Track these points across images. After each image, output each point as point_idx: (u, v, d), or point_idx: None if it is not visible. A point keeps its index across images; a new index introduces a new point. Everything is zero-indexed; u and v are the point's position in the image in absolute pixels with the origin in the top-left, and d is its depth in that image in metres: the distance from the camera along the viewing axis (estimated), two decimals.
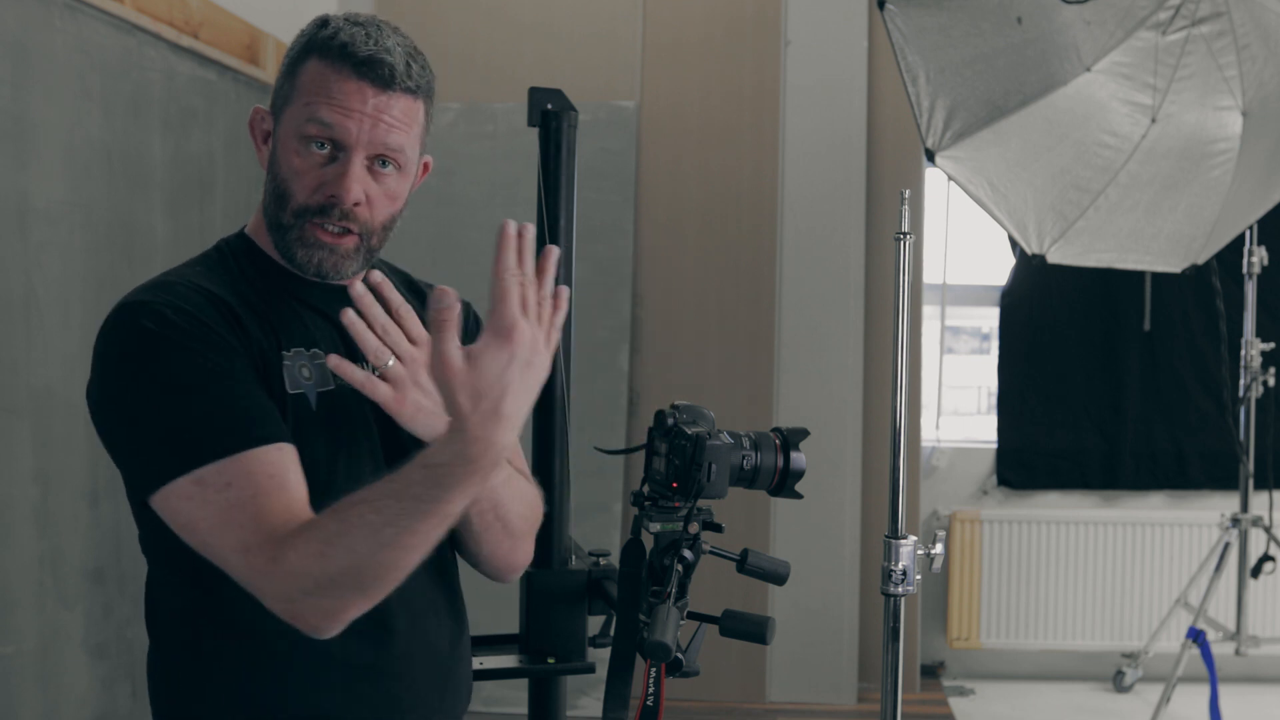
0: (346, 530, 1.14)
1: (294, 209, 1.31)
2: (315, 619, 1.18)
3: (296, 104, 1.31)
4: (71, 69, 2.61)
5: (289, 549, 1.15)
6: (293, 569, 1.15)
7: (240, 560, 1.17)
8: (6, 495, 2.42)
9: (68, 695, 2.60)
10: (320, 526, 1.16)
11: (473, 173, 4.15)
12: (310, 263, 1.33)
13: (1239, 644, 4.08)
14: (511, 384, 1.12)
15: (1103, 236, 3.80)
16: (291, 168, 1.31)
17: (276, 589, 1.17)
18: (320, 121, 1.29)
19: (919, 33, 3.43)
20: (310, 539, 1.16)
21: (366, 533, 1.13)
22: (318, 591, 1.16)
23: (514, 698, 3.96)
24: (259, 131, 1.38)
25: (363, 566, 1.15)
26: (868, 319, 4.27)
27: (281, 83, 1.35)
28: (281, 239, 1.34)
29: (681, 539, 1.38)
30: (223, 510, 1.17)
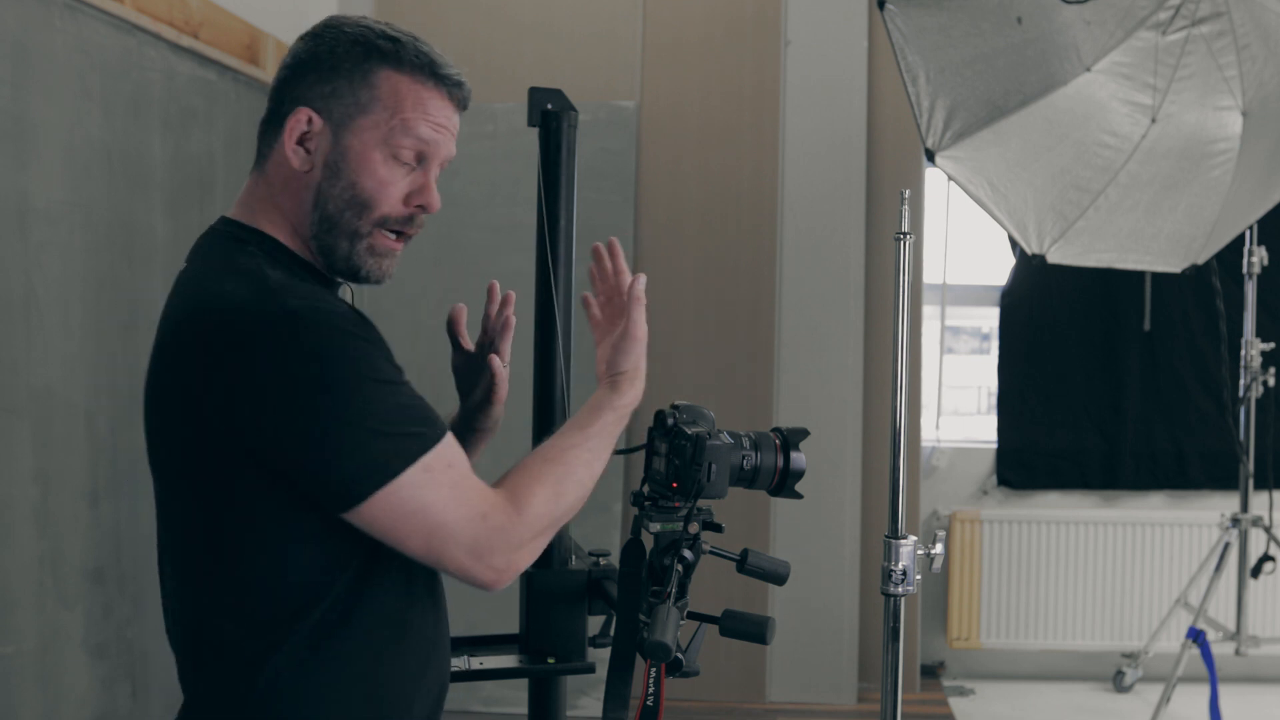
0: (571, 471, 1.35)
1: (376, 219, 1.35)
2: (527, 563, 1.32)
3: (378, 116, 1.33)
4: (71, 69, 2.61)
5: (528, 497, 1.31)
6: (537, 513, 1.31)
7: (478, 527, 1.27)
8: (6, 495, 2.42)
9: (68, 695, 2.60)
10: (545, 472, 1.34)
11: (473, 173, 4.15)
12: (377, 269, 1.38)
13: (1239, 644, 4.08)
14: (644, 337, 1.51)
15: (1103, 236, 3.80)
16: (379, 179, 1.34)
17: (515, 539, 1.29)
18: (422, 139, 1.35)
19: (919, 33, 3.43)
20: (544, 483, 1.33)
21: (585, 469, 1.37)
22: (545, 532, 1.33)
23: (514, 698, 3.96)
24: (297, 133, 1.34)
25: (581, 499, 1.37)
26: (868, 319, 4.27)
27: (349, 91, 1.33)
28: (348, 245, 1.35)
29: (681, 539, 1.38)
30: (453, 487, 1.26)
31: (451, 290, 4.14)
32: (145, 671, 2.87)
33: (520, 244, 4.02)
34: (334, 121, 1.33)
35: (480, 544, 1.27)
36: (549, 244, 1.95)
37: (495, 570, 1.29)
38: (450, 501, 1.26)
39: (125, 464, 2.75)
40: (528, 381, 2.03)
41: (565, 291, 2.00)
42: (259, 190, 1.39)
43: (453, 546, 1.26)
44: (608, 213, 4.22)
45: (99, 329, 2.68)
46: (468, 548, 1.27)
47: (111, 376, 2.73)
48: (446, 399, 1.63)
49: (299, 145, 1.34)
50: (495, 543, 1.28)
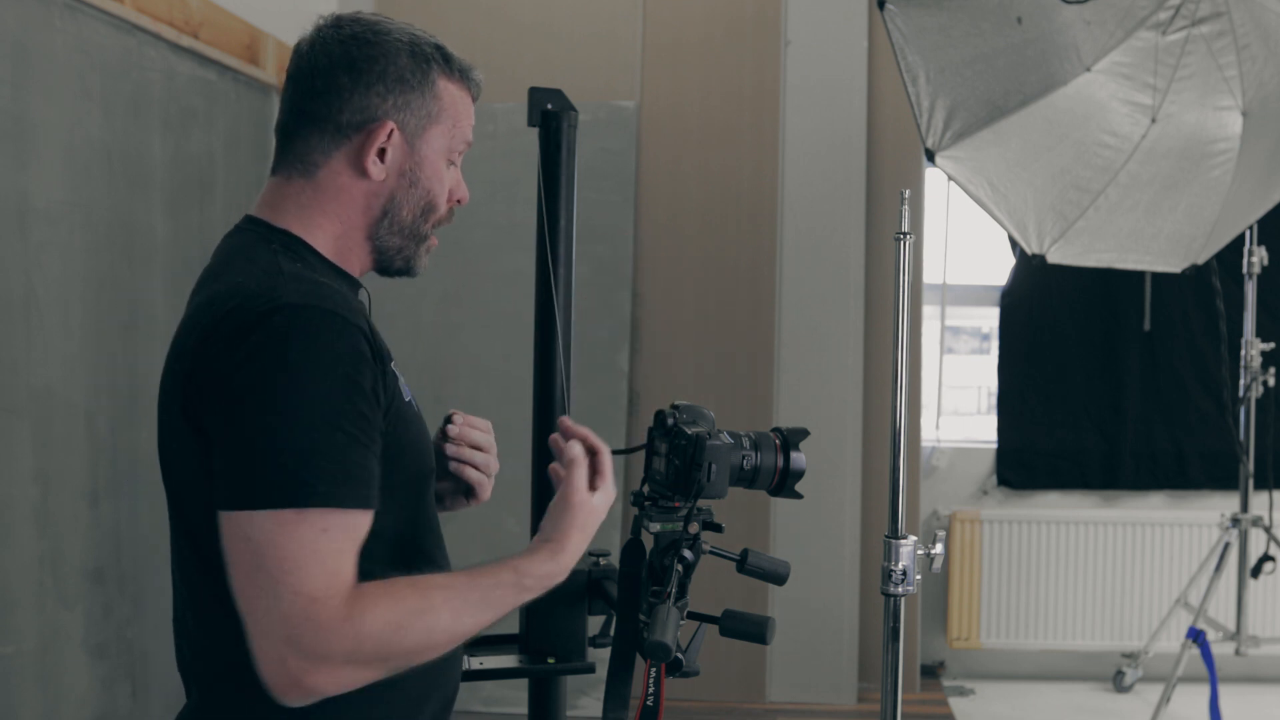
0: (430, 610, 1.21)
1: (436, 220, 1.42)
2: (324, 686, 1.16)
3: (444, 125, 1.39)
4: (71, 69, 2.61)
5: (367, 611, 1.16)
6: (365, 633, 1.16)
7: (300, 607, 1.14)
8: (6, 495, 2.42)
9: (68, 695, 2.60)
10: (404, 599, 1.20)
11: (473, 173, 4.12)
12: (421, 266, 1.44)
13: (1239, 644, 4.08)
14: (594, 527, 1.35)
15: (1103, 236, 3.80)
16: (442, 183, 1.41)
17: (325, 646, 1.14)
18: (469, 143, 1.43)
19: (919, 33, 3.43)
20: (394, 609, 1.19)
21: (448, 618, 1.22)
22: (368, 663, 1.17)
23: (514, 698, 3.96)
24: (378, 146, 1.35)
25: (426, 649, 1.22)
26: (868, 319, 4.27)
27: (420, 101, 1.37)
28: (415, 247, 1.42)
29: (681, 539, 1.38)
30: (310, 552, 1.15)
31: (451, 290, 4.14)
32: (145, 671, 2.88)
33: (520, 244, 4.01)
34: (409, 132, 1.37)
35: (292, 627, 1.14)
36: (549, 244, 1.95)
37: (286, 667, 1.14)
38: (295, 562, 1.14)
39: (125, 464, 2.75)
40: (528, 382, 2.03)
41: (565, 291, 2.00)
42: (301, 196, 1.36)
43: (270, 612, 1.14)
44: (608, 213, 4.22)
45: (99, 329, 2.69)
46: (281, 622, 1.14)
47: (111, 376, 2.73)
48: (448, 399, 1.62)
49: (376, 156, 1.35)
50: (303, 636, 1.14)
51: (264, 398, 1.18)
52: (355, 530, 1.20)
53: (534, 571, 1.28)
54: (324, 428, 1.17)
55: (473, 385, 4.08)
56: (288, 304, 1.20)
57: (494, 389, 4.02)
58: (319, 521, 1.16)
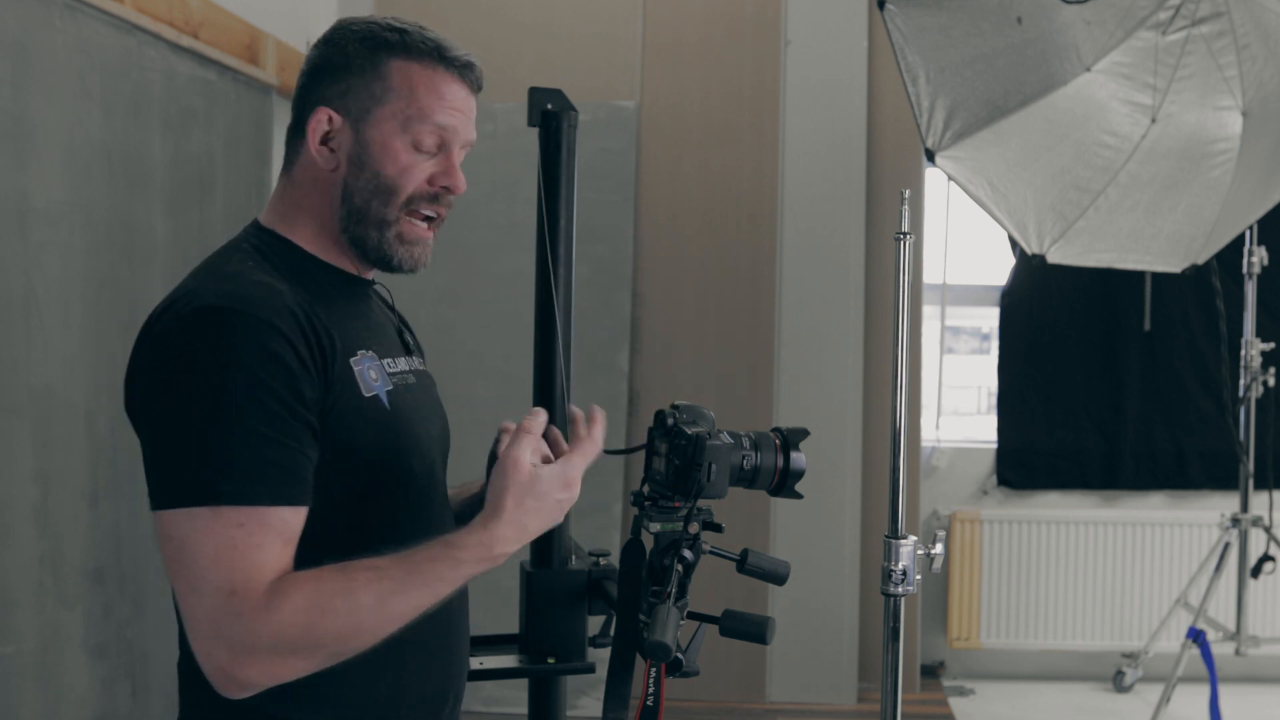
0: (353, 590, 1.18)
1: (402, 202, 1.37)
2: (257, 678, 1.18)
3: (395, 105, 1.36)
4: (71, 69, 2.61)
5: (286, 598, 1.17)
6: (286, 620, 1.16)
7: (220, 601, 1.16)
8: (6, 495, 2.42)
9: (68, 695, 2.60)
10: (325, 582, 1.19)
11: (473, 172, 4.12)
12: (409, 257, 1.40)
13: (1239, 644, 4.08)
14: (547, 514, 1.27)
15: (1103, 236, 3.80)
16: (400, 165, 1.36)
17: (248, 638, 1.16)
18: (439, 125, 1.37)
19: (919, 33, 3.43)
20: (314, 593, 1.18)
21: (371, 598, 1.19)
22: (293, 650, 1.17)
23: (514, 698, 3.96)
24: (319, 133, 1.37)
25: (354, 631, 1.19)
26: (868, 319, 4.27)
27: (362, 85, 1.36)
28: (377, 234, 1.38)
29: (681, 539, 1.38)
30: (226, 547, 1.17)
31: (451, 290, 4.14)
32: (145, 671, 2.87)
33: (520, 244, 4.01)
34: (353, 117, 1.36)
35: (215, 622, 1.17)
36: (549, 244, 1.95)
37: (217, 661, 1.17)
38: (212, 559, 1.16)
39: (125, 464, 2.75)
40: (528, 382, 2.03)
41: (565, 291, 2.00)
42: (286, 194, 1.41)
43: (196, 609, 1.17)
44: (608, 213, 4.22)
45: (99, 329, 2.68)
46: (206, 618, 1.17)
47: (111, 376, 2.71)
48: (448, 399, 1.62)
49: (323, 145, 1.37)
50: (225, 629, 1.16)
51: (174, 400, 1.21)
52: (275, 526, 1.20)
53: (465, 542, 1.23)
54: (232, 427, 1.19)
55: (473, 385, 4.07)
56: (201, 306, 1.24)
57: (494, 389, 4.02)
58: (233, 518, 1.18)
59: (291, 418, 1.22)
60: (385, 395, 1.35)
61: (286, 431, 1.22)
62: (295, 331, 1.25)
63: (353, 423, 1.30)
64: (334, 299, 1.37)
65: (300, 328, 1.26)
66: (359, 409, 1.31)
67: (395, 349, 1.46)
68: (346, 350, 1.32)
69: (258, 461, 1.20)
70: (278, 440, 1.21)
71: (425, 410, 1.46)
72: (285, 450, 1.21)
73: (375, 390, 1.34)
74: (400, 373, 1.42)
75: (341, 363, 1.31)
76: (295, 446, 1.22)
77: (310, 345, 1.26)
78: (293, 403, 1.22)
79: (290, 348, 1.23)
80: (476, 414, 2.94)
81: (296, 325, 1.25)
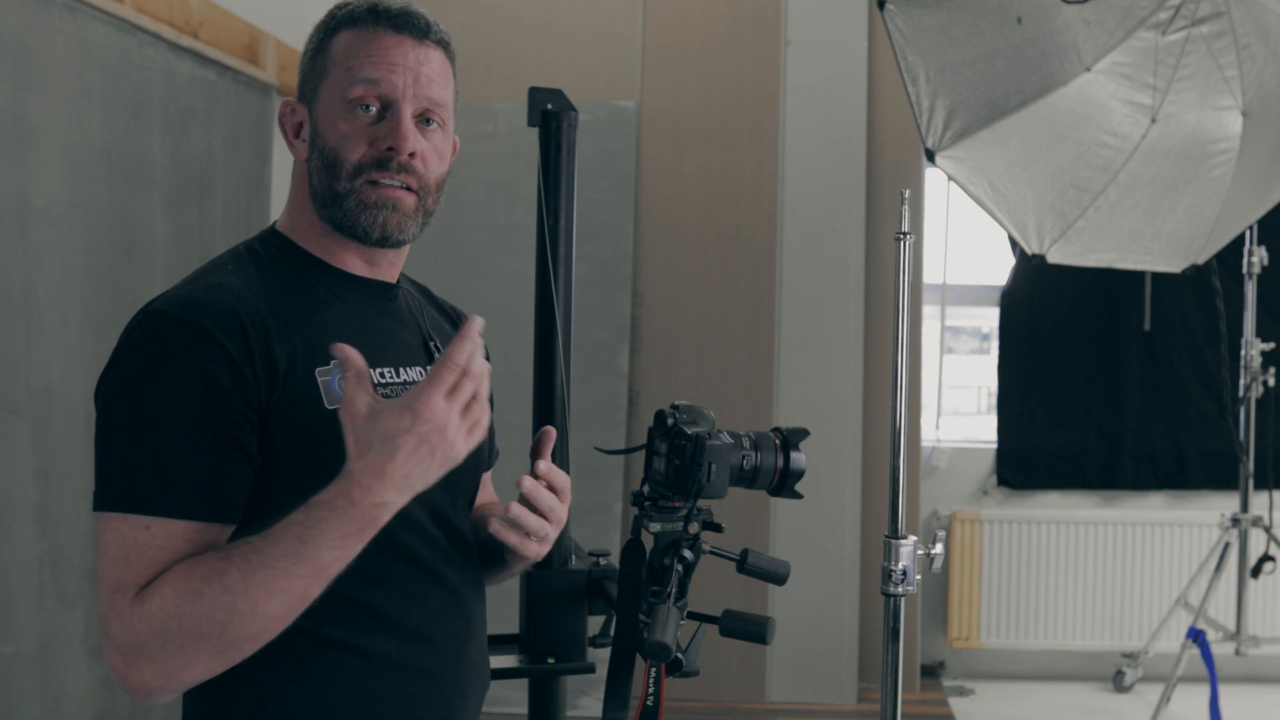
0: (222, 569, 1.13)
1: (349, 170, 1.30)
2: (152, 679, 1.14)
3: (334, 75, 1.31)
4: (71, 69, 2.60)
5: (156, 589, 1.14)
6: (156, 608, 1.13)
7: (108, 597, 1.15)
8: (6, 495, 2.42)
9: (68, 695, 2.60)
10: (195, 566, 1.15)
11: (473, 173, 4.15)
12: (375, 225, 1.31)
13: (1239, 644, 4.08)
14: (401, 449, 1.12)
15: (1103, 236, 3.80)
16: (340, 134, 1.30)
17: (129, 633, 1.13)
18: (367, 80, 1.29)
19: (919, 33, 3.43)
20: (183, 578, 1.14)
21: (239, 572, 1.12)
22: (173, 642, 1.12)
23: (514, 698, 3.96)
24: (290, 125, 1.36)
25: (229, 614, 1.12)
26: (868, 319, 4.27)
27: (310, 66, 1.35)
28: (339, 210, 1.31)
29: (681, 539, 1.38)
30: (129, 547, 1.16)
31: (451, 290, 4.13)
32: None
33: (520, 244, 4.02)
34: (307, 101, 1.35)
35: (106, 622, 1.16)
36: (549, 244, 1.95)
37: (114, 666, 1.15)
38: (114, 556, 1.16)
39: None
40: (528, 381, 2.03)
41: (565, 291, 2.00)
42: (289, 195, 1.40)
43: (101, 606, 1.17)
44: (608, 213, 4.23)
45: (99, 329, 2.68)
46: (101, 618, 1.17)
47: None
48: None
49: (297, 138, 1.36)
50: (112, 630, 1.15)
51: (107, 405, 1.23)
52: (185, 536, 1.17)
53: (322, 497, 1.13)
54: (150, 436, 1.18)
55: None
56: (148, 310, 1.23)
57: (494, 389, 4.02)
58: (140, 522, 1.17)
59: (212, 431, 1.18)
60: None
61: (206, 444, 1.18)
62: (235, 337, 1.21)
63: (307, 435, 1.24)
64: (321, 303, 1.32)
65: (244, 333, 1.21)
66: (316, 423, 1.24)
67: (406, 358, 1.38)
68: (313, 359, 1.26)
69: (172, 472, 1.17)
70: (195, 452, 1.18)
71: None
72: (201, 464, 1.18)
73: None
74: (401, 383, 1.35)
75: (301, 373, 1.25)
76: (212, 460, 1.19)
77: (253, 352, 1.22)
78: (215, 416, 1.19)
79: (224, 355, 1.20)
80: None
81: (239, 330, 1.21)
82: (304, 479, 1.20)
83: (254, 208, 3.37)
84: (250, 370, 1.21)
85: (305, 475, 1.20)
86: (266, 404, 1.22)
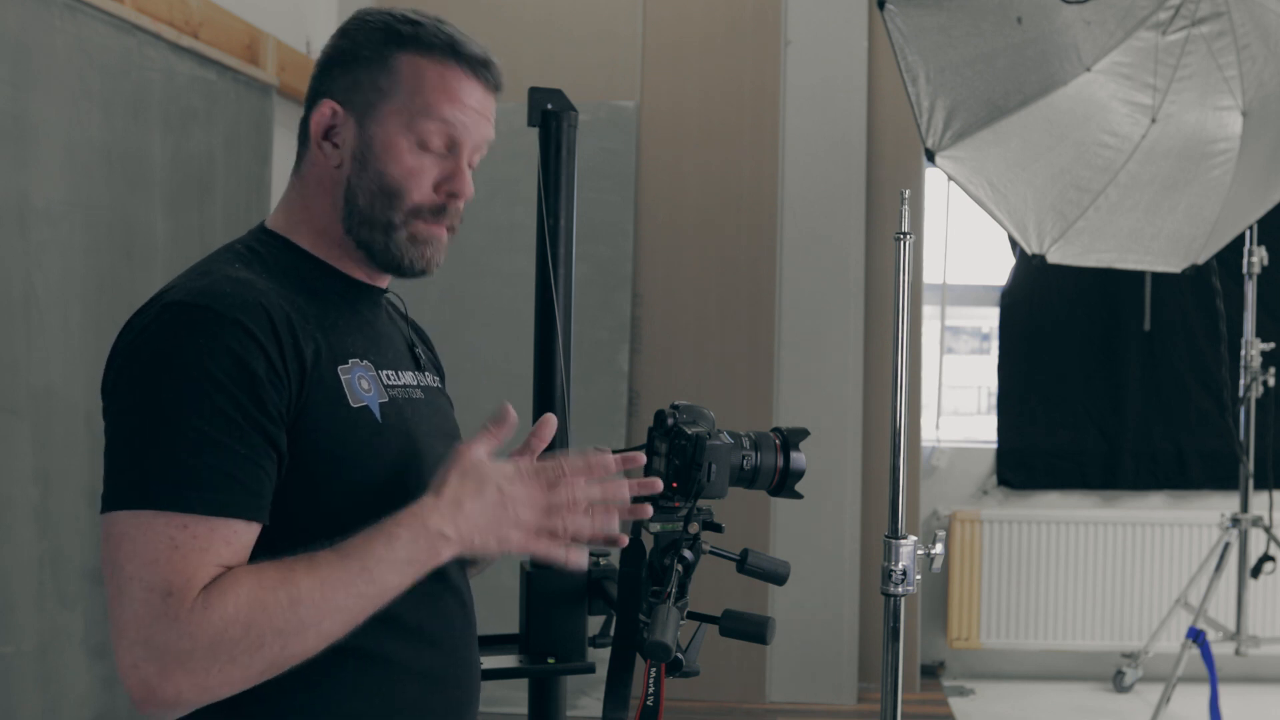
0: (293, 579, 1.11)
1: (410, 208, 1.30)
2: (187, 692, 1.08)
3: (401, 101, 1.29)
4: (71, 69, 2.60)
5: (226, 593, 1.09)
6: (227, 615, 1.08)
7: (154, 603, 1.08)
8: (6, 495, 2.42)
9: (68, 695, 2.60)
10: (265, 573, 1.11)
11: (473, 173, 4.14)
12: (421, 259, 1.32)
13: (1239, 644, 4.08)
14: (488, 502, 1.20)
15: (1103, 236, 3.80)
16: (406, 167, 1.29)
17: (186, 642, 1.07)
18: (447, 122, 1.30)
19: (919, 33, 3.43)
20: (255, 585, 1.10)
21: (313, 584, 1.11)
22: (232, 652, 1.08)
23: (514, 698, 3.96)
24: (323, 127, 1.31)
25: (296, 627, 1.11)
26: (868, 319, 4.27)
27: (369, 79, 1.30)
28: (385, 239, 1.30)
29: (681, 539, 1.38)
30: (167, 547, 1.10)
31: (451, 290, 4.14)
32: None
33: (520, 244, 4.02)
34: (358, 111, 1.30)
35: (145, 628, 1.08)
36: (549, 244, 1.95)
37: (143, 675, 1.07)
38: (150, 559, 1.09)
39: None
40: (528, 381, 2.03)
41: (565, 291, 2.00)
42: (292, 195, 1.35)
43: (125, 614, 1.09)
44: (608, 213, 4.22)
45: (99, 329, 2.68)
46: (135, 623, 1.08)
47: None
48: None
49: (326, 140, 1.31)
50: (157, 635, 1.07)
51: (132, 399, 1.18)
52: (223, 535, 1.13)
53: (400, 517, 1.16)
54: (185, 430, 1.13)
55: (473, 385, 4.07)
56: (170, 302, 1.19)
57: (494, 389, 4.02)
58: (178, 520, 1.11)
59: (248, 426, 1.15)
60: (377, 407, 1.28)
61: (242, 439, 1.15)
62: (266, 331, 1.18)
63: (337, 433, 1.23)
64: (330, 304, 1.31)
65: (273, 327, 1.19)
66: (345, 419, 1.24)
67: (402, 362, 1.39)
68: (335, 357, 1.26)
69: (210, 469, 1.13)
70: (231, 448, 1.14)
71: (430, 428, 1.36)
72: (238, 459, 1.14)
73: (365, 401, 1.27)
74: (403, 386, 1.35)
75: (325, 369, 1.24)
76: (248, 456, 1.15)
77: (284, 347, 1.19)
78: (251, 410, 1.15)
79: (257, 348, 1.17)
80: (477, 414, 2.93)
81: (268, 324, 1.19)
82: (327, 475, 1.21)
83: (254, 208, 3.37)
84: (282, 365, 1.19)
85: (328, 471, 1.21)
86: (296, 400, 1.20)
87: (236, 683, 1.11)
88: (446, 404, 1.48)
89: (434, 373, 1.50)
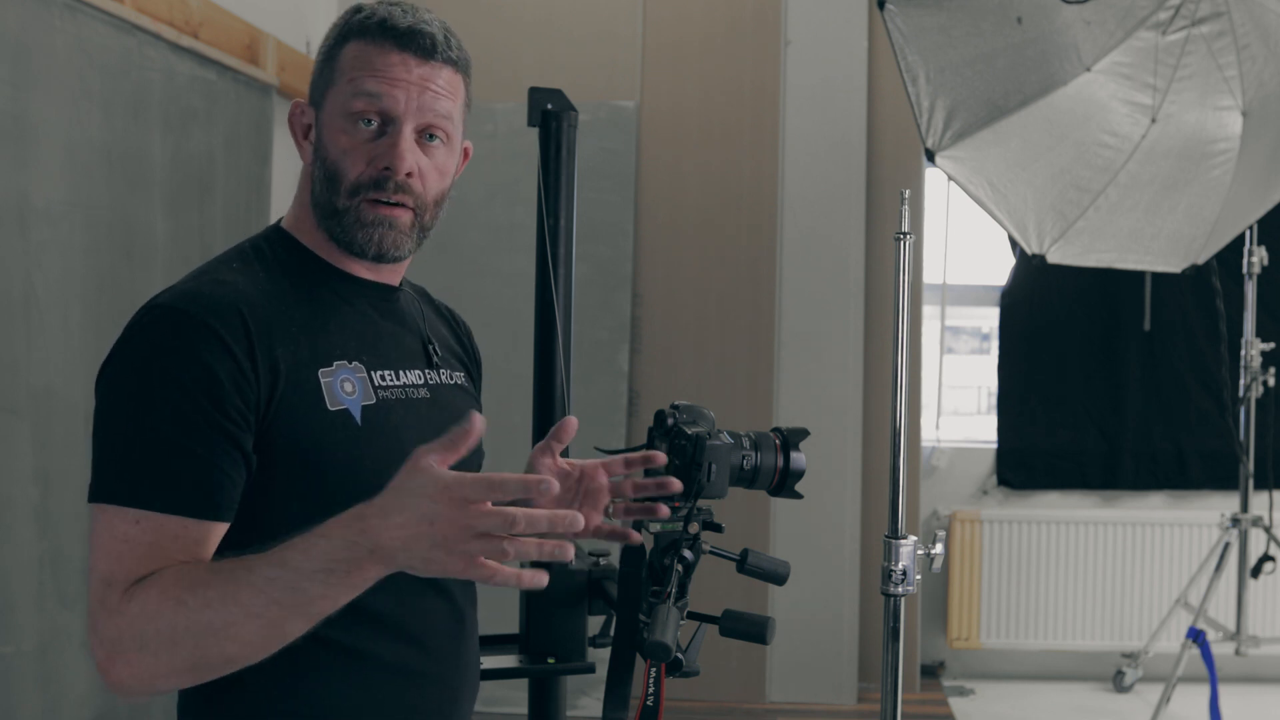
0: (209, 580, 1.11)
1: (348, 188, 1.30)
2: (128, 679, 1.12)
3: (339, 85, 1.31)
4: (71, 69, 2.60)
5: (144, 588, 1.13)
6: (142, 609, 1.12)
7: (99, 593, 1.14)
8: (6, 495, 2.42)
9: (68, 695, 2.60)
10: (185, 572, 1.13)
11: (473, 173, 4.13)
12: (370, 242, 1.31)
13: (1239, 644, 4.08)
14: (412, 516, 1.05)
15: (1103, 236, 3.80)
16: (340, 147, 1.30)
17: (111, 629, 1.12)
18: (367, 94, 1.29)
19: (919, 33, 3.44)
20: (171, 582, 1.12)
21: (225, 587, 1.10)
22: (147, 647, 1.11)
23: (514, 698, 3.96)
24: (299, 126, 1.36)
25: (207, 627, 1.10)
26: (868, 319, 4.27)
27: (320, 72, 1.34)
28: (338, 224, 1.31)
29: (681, 539, 1.38)
30: (120, 540, 1.15)
31: (451, 290, 4.13)
32: None
33: (520, 244, 4.02)
34: (316, 105, 1.35)
35: (93, 615, 1.15)
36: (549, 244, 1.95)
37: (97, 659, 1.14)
38: (106, 550, 1.15)
39: None
40: (528, 381, 2.03)
41: (565, 291, 2.00)
42: (296, 194, 1.39)
43: (90, 598, 1.16)
44: (608, 213, 4.22)
45: (99, 329, 2.68)
46: (90, 612, 1.16)
47: None
48: None
49: (305, 138, 1.36)
50: (99, 623, 1.14)
51: (105, 397, 1.23)
52: (175, 533, 1.16)
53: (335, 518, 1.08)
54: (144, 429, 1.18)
55: None
56: (151, 305, 1.24)
57: (494, 389, 4.02)
58: (131, 516, 1.16)
59: (208, 428, 1.18)
60: (359, 410, 1.28)
61: (201, 440, 1.17)
62: (238, 334, 1.21)
63: (314, 436, 1.24)
64: (324, 304, 1.32)
65: (246, 331, 1.21)
66: (321, 422, 1.25)
67: (406, 360, 1.39)
68: (317, 360, 1.27)
69: (165, 469, 1.17)
70: (189, 448, 1.17)
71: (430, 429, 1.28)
72: (195, 460, 1.17)
73: (346, 404, 1.27)
74: (402, 385, 1.35)
75: (304, 372, 1.25)
76: (206, 456, 1.18)
77: (255, 350, 1.21)
78: (212, 413, 1.18)
79: (224, 352, 1.19)
80: None
81: (241, 327, 1.21)
82: (302, 479, 1.23)
83: (254, 208, 3.37)
84: (251, 367, 1.21)
85: (303, 475, 1.23)
86: (267, 403, 1.22)
87: (173, 677, 1.13)
88: (464, 400, 1.47)
89: (456, 369, 1.50)
